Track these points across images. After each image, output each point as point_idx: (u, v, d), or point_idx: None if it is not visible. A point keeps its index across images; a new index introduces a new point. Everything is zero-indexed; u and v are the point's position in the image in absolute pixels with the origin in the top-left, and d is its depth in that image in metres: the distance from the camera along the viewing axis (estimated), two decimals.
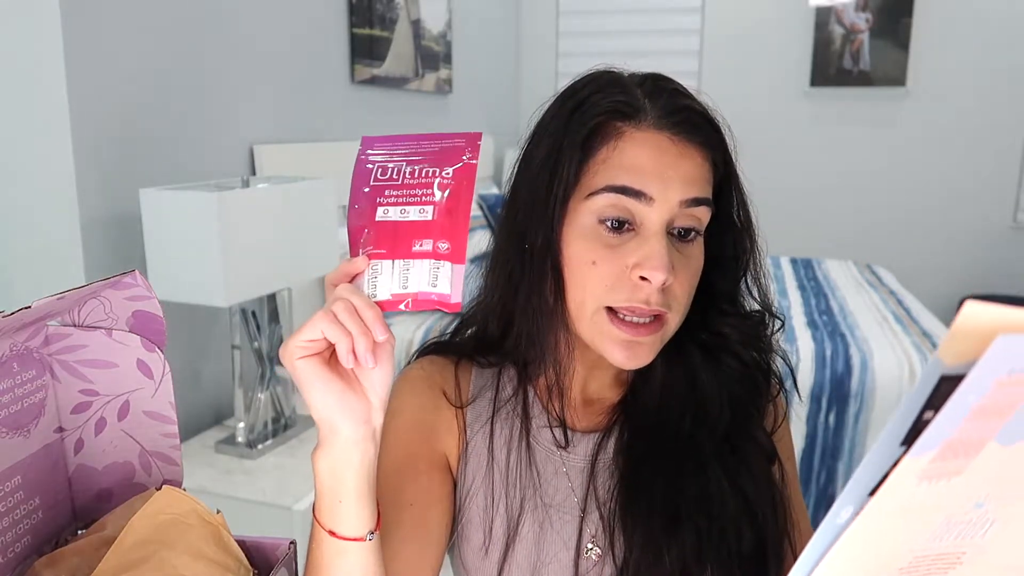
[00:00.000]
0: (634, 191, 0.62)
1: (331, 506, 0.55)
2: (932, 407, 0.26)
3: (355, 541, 0.56)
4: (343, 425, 0.54)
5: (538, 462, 0.71)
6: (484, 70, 3.62)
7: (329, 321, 0.52)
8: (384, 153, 0.58)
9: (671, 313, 0.64)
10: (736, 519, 0.67)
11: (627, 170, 0.62)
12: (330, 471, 0.55)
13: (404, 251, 0.55)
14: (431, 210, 0.54)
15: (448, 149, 0.57)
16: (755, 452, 0.71)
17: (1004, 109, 3.58)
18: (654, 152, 0.63)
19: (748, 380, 0.72)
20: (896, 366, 1.96)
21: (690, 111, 0.64)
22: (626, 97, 0.64)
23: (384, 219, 0.55)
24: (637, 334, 0.63)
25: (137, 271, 0.53)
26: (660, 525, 0.66)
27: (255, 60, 1.97)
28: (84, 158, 1.49)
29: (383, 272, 0.55)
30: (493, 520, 0.70)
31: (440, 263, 0.54)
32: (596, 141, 0.64)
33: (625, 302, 0.63)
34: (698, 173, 0.64)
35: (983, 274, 3.74)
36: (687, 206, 0.63)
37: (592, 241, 0.64)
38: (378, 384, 0.54)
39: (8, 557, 0.50)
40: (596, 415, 0.74)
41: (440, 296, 0.54)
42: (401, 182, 0.56)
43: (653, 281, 0.62)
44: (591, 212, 0.64)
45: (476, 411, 0.74)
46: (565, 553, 0.69)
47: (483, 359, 0.76)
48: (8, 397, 0.50)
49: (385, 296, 0.54)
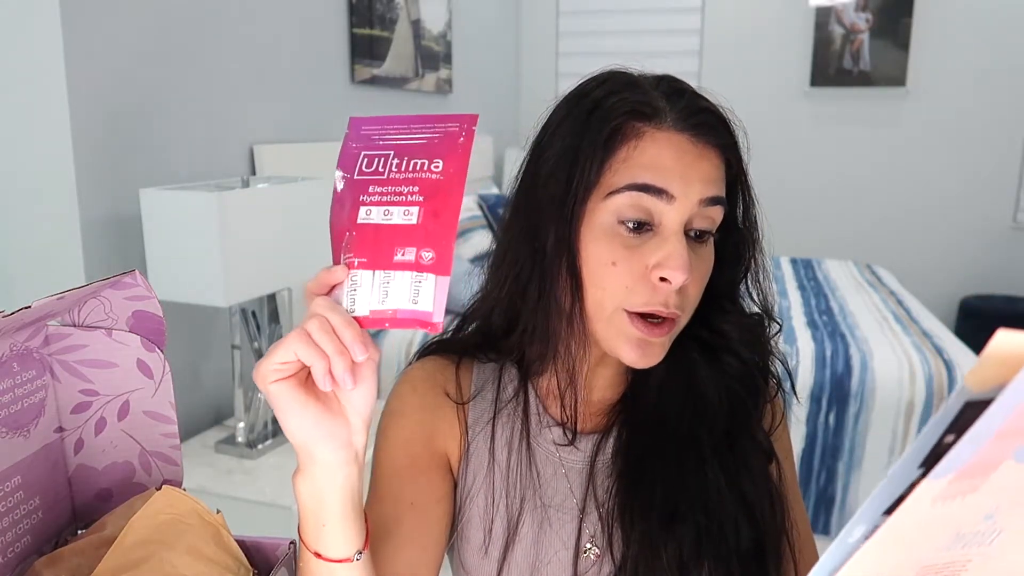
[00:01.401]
0: (656, 189, 0.62)
1: (315, 529, 0.54)
2: (954, 431, 0.26)
3: (342, 563, 0.55)
4: (322, 450, 0.52)
5: (538, 463, 0.72)
6: (484, 70, 3.62)
7: (303, 342, 0.49)
8: (372, 137, 0.55)
9: (683, 315, 0.65)
10: (734, 516, 0.67)
11: (649, 169, 0.62)
12: (311, 496, 0.53)
13: (385, 261, 0.52)
14: (416, 212, 0.52)
15: (441, 134, 0.54)
16: (753, 451, 0.71)
17: (1004, 109, 3.58)
18: (675, 152, 0.63)
19: (747, 379, 0.72)
20: (896, 366, 1.96)
21: (709, 113, 0.65)
22: (645, 98, 0.64)
23: (367, 221, 0.53)
24: (652, 334, 0.64)
25: (137, 271, 0.53)
26: (658, 523, 0.66)
27: (255, 60, 1.97)
28: (84, 158, 1.49)
29: (363, 284, 0.52)
30: (493, 520, 0.70)
31: (423, 276, 0.51)
32: (617, 141, 0.63)
33: (644, 306, 0.63)
34: (716, 174, 0.65)
35: (983, 274, 3.74)
36: (705, 205, 0.64)
37: (612, 241, 0.63)
38: (359, 404, 0.53)
39: (8, 557, 0.50)
40: (596, 416, 0.74)
41: (422, 315, 0.51)
42: (387, 176, 0.53)
43: (673, 282, 0.62)
44: (610, 212, 0.63)
45: (477, 411, 0.74)
46: (564, 553, 0.69)
47: (484, 355, 0.76)
48: (8, 397, 0.50)
49: (364, 312, 0.52)
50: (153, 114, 1.65)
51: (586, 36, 4.02)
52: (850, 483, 1.95)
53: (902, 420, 1.90)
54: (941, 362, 1.97)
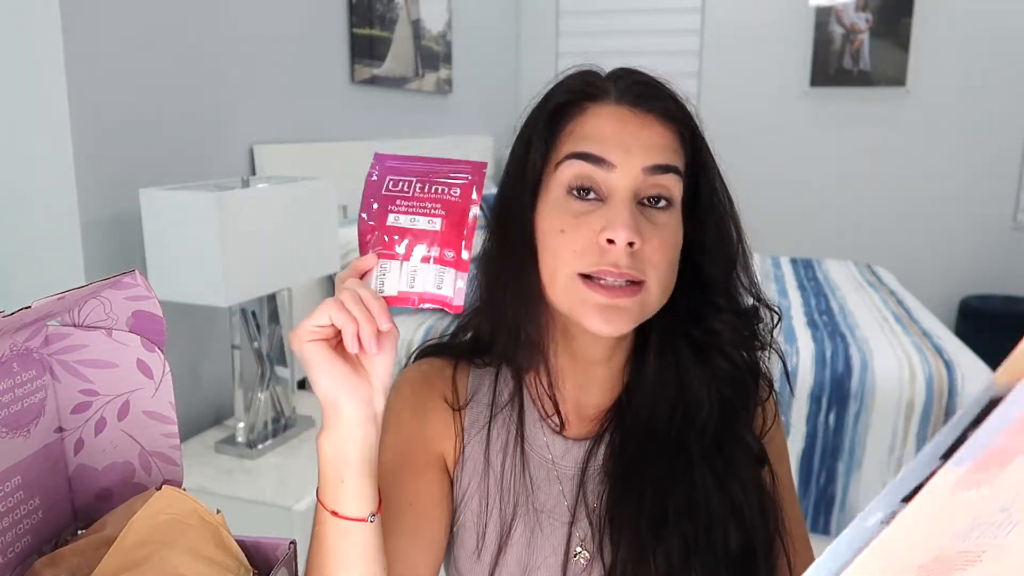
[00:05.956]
0: (596, 157, 0.65)
1: (334, 486, 0.57)
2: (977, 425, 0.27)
3: (357, 522, 0.58)
4: (346, 405, 0.56)
5: (531, 468, 0.72)
6: (484, 70, 3.62)
7: (336, 308, 0.55)
8: (397, 168, 0.61)
9: (649, 281, 0.65)
10: (723, 521, 0.67)
11: (589, 138, 0.66)
12: (333, 451, 0.57)
13: (412, 255, 0.58)
14: (439, 222, 0.58)
15: (456, 170, 0.61)
16: (743, 454, 0.71)
17: (1004, 109, 3.58)
18: (615, 122, 0.66)
19: (737, 382, 0.72)
20: (896, 366, 1.96)
21: (650, 85, 0.68)
22: (591, 79, 0.69)
23: (395, 224, 0.59)
24: (613, 297, 0.64)
25: (137, 271, 0.53)
26: (647, 528, 0.67)
27: (255, 60, 1.97)
28: (84, 158, 1.49)
29: (391, 271, 0.58)
30: (486, 525, 0.71)
31: (445, 269, 0.58)
32: (563, 118, 0.67)
33: (595, 266, 0.64)
34: (661, 141, 0.66)
35: (983, 274, 3.74)
36: (651, 173, 0.65)
37: (561, 211, 0.66)
38: (380, 370, 0.57)
39: (8, 557, 0.50)
40: (589, 422, 0.74)
41: (444, 298, 0.58)
42: (412, 195, 0.59)
43: (617, 241, 0.62)
44: (559, 184, 0.66)
45: (473, 415, 0.74)
46: (554, 558, 0.69)
47: (479, 360, 0.76)
48: (8, 397, 0.50)
49: (392, 293, 0.58)
50: (153, 114, 1.65)
51: (586, 36, 4.02)
52: (850, 483, 1.95)
53: (902, 420, 1.90)
54: (941, 362, 1.97)
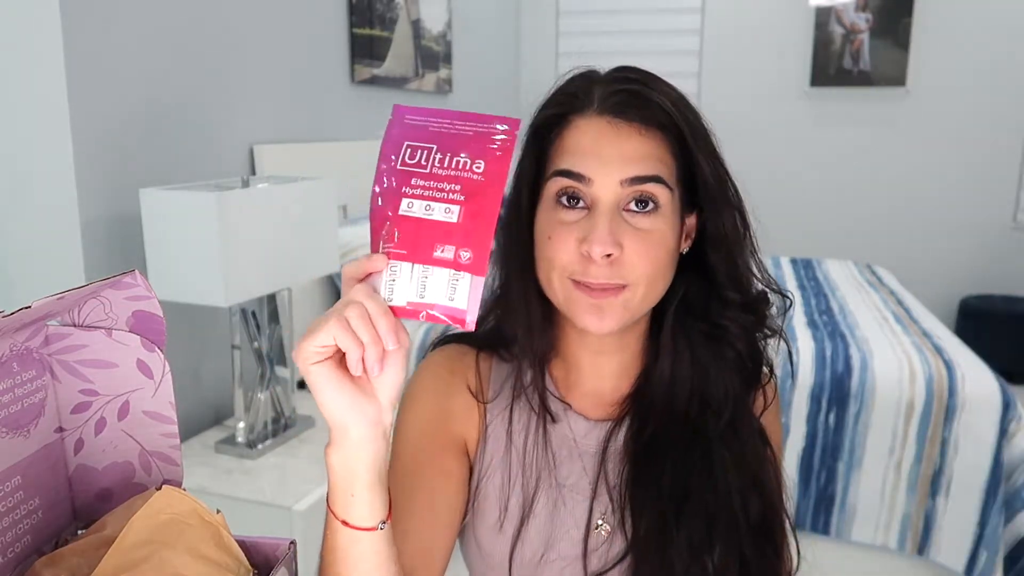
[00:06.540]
0: (575, 174, 0.67)
1: (344, 498, 0.57)
2: None
3: (367, 531, 0.58)
4: (354, 426, 0.55)
5: (553, 445, 0.75)
6: (484, 70, 3.62)
7: (342, 328, 0.52)
8: (417, 126, 0.55)
9: (632, 285, 0.67)
10: (743, 492, 0.71)
11: (569, 154, 0.67)
12: (342, 467, 0.57)
13: (425, 256, 0.53)
14: (457, 211, 0.53)
15: (483, 134, 0.55)
16: (753, 433, 0.75)
17: (1004, 109, 3.58)
18: (592, 136, 0.67)
19: (744, 368, 0.75)
20: (896, 366, 1.96)
21: (630, 92, 0.68)
22: (576, 90, 0.69)
23: (408, 213, 0.54)
24: (599, 297, 0.67)
25: (137, 271, 0.53)
26: (669, 504, 0.70)
27: (255, 60, 1.97)
28: (84, 158, 1.49)
29: (401, 276, 0.54)
30: (509, 498, 0.73)
31: (460, 274, 0.53)
32: (549, 132, 0.70)
33: (578, 275, 0.67)
34: (643, 151, 0.66)
35: (983, 274, 3.74)
36: (630, 184, 0.66)
37: (551, 218, 0.68)
38: (388, 387, 0.56)
39: (8, 557, 0.50)
40: (608, 406, 0.77)
41: (457, 312, 0.53)
42: (430, 171, 0.54)
43: (593, 255, 0.65)
44: (549, 194, 0.69)
45: (495, 397, 0.77)
46: (576, 530, 0.72)
47: (505, 352, 0.78)
48: (8, 397, 0.50)
49: (401, 303, 0.54)
50: (153, 114, 1.65)
51: (586, 36, 4.02)
52: (850, 483, 1.94)
53: (902, 420, 1.90)
54: (941, 362, 1.97)
